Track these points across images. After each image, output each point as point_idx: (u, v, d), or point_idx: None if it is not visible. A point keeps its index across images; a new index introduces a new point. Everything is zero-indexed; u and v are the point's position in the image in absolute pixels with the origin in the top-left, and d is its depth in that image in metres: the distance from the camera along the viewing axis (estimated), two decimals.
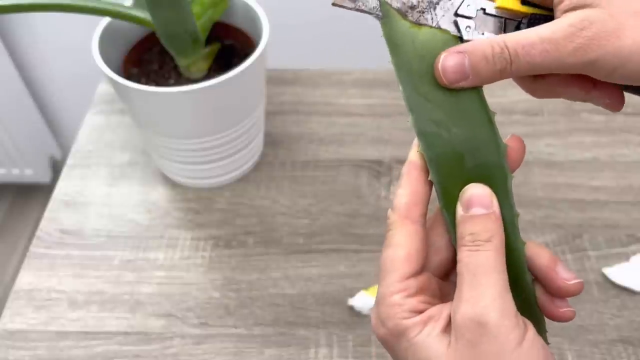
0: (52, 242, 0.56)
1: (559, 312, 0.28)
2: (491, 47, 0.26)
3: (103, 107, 0.69)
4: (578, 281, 0.27)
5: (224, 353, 0.49)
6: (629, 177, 0.60)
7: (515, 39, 0.26)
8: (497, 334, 0.24)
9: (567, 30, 0.25)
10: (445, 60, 0.27)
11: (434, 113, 0.27)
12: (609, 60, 0.25)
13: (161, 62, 0.57)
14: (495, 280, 0.25)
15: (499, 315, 0.24)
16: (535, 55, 0.26)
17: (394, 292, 0.27)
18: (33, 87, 1.25)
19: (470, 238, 0.26)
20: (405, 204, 0.28)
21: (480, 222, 0.26)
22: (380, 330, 0.27)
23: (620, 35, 0.25)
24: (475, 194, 0.27)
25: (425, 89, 0.27)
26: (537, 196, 0.59)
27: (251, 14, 0.55)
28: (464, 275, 0.26)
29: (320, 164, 0.63)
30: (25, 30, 1.13)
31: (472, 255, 0.26)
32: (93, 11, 0.48)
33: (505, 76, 0.27)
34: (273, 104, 0.68)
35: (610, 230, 0.56)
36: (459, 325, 0.25)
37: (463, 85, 0.27)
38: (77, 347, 0.49)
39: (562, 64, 0.26)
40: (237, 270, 0.54)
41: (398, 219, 0.28)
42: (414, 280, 0.27)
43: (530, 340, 0.25)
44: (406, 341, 0.26)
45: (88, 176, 0.62)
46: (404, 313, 0.26)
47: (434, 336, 0.26)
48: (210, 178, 0.59)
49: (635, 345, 0.48)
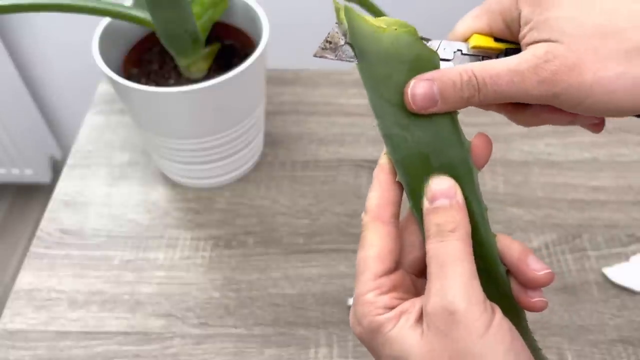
0: (52, 242, 0.56)
1: (532, 302, 0.29)
2: (459, 75, 0.27)
3: (103, 107, 0.69)
4: (548, 271, 0.28)
5: (224, 353, 0.49)
6: (629, 177, 0.60)
7: (484, 67, 0.27)
8: (465, 322, 0.25)
9: (532, 61, 0.26)
10: (414, 87, 0.27)
11: (398, 116, 0.28)
12: (573, 94, 0.26)
13: (161, 62, 0.57)
14: (462, 270, 0.26)
15: (466, 304, 0.25)
16: (502, 84, 0.26)
17: (368, 290, 0.28)
18: (33, 87, 1.25)
19: (436, 229, 0.27)
20: (376, 205, 0.29)
21: (445, 213, 0.27)
22: (357, 328, 0.28)
23: (582, 71, 0.25)
24: (438, 186, 0.28)
25: (389, 93, 0.28)
26: (536, 196, 0.59)
27: (251, 14, 0.55)
28: (431, 266, 0.27)
29: (320, 164, 0.63)
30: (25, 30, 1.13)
31: (439, 246, 0.27)
32: (93, 11, 0.48)
33: (473, 103, 0.28)
34: (273, 104, 0.69)
35: (610, 230, 0.56)
36: (429, 316, 0.26)
37: (432, 111, 0.28)
38: (77, 347, 0.49)
39: (528, 94, 0.26)
40: (237, 270, 0.54)
41: (370, 221, 0.29)
42: (387, 279, 0.28)
43: (498, 325, 0.25)
44: (382, 336, 0.27)
45: (88, 176, 0.62)
46: (378, 310, 0.27)
47: (407, 328, 0.26)
48: (210, 178, 0.59)
49: (635, 345, 0.48)
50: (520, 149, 0.63)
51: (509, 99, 0.27)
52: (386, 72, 0.27)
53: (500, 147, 0.64)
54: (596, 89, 0.25)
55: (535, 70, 0.26)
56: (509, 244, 0.29)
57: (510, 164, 0.62)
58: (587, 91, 0.25)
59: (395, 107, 0.28)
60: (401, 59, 0.27)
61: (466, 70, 0.27)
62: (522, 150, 0.63)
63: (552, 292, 0.51)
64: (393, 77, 0.27)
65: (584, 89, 0.25)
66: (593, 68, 0.25)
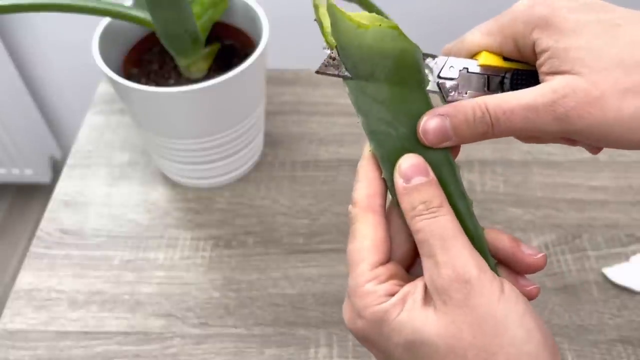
0: (52, 242, 0.56)
1: (527, 290, 0.29)
2: (473, 110, 0.27)
3: (103, 107, 0.69)
4: (543, 254, 0.29)
5: (224, 353, 0.49)
6: (629, 177, 0.60)
7: (497, 102, 0.26)
8: (481, 287, 0.25)
9: (549, 97, 0.25)
10: (426, 123, 0.27)
11: (382, 113, 0.28)
12: (592, 132, 0.25)
13: (161, 62, 0.57)
14: (463, 242, 0.26)
15: (477, 271, 0.25)
16: (516, 121, 0.26)
17: (366, 281, 0.27)
18: (33, 87, 1.25)
19: (424, 207, 0.27)
20: (365, 195, 0.29)
21: (428, 189, 0.27)
22: (358, 323, 0.28)
23: (603, 107, 0.24)
24: (413, 163, 0.27)
25: (372, 90, 0.27)
26: (536, 196, 0.59)
27: (251, 14, 0.55)
28: (430, 241, 0.26)
29: (320, 164, 0.63)
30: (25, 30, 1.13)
31: (432, 222, 0.26)
32: (93, 11, 0.48)
33: (487, 137, 0.27)
34: (273, 104, 0.69)
35: (610, 230, 0.56)
36: (444, 289, 0.25)
37: (445, 145, 0.28)
38: (77, 347, 0.49)
39: (544, 131, 0.26)
40: (237, 270, 0.54)
41: (360, 211, 0.29)
42: (384, 268, 0.28)
43: (510, 289, 0.26)
44: (388, 325, 0.26)
45: (88, 176, 0.62)
46: (380, 298, 0.27)
47: (417, 309, 0.26)
48: (210, 178, 0.59)
49: (635, 345, 0.48)
50: (520, 149, 0.63)
51: (524, 135, 0.27)
52: (370, 69, 0.27)
53: (500, 147, 0.64)
54: (617, 126, 0.25)
55: (552, 106, 0.25)
56: (497, 236, 0.29)
57: (510, 164, 0.62)
58: (607, 129, 0.25)
59: (380, 104, 0.28)
60: (385, 54, 0.27)
61: (480, 105, 0.26)
62: (522, 150, 0.63)
63: (552, 292, 0.51)
64: (376, 73, 0.27)
65: (605, 127, 0.25)
66: (616, 104, 0.24)
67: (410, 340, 0.26)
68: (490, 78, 0.29)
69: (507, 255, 0.29)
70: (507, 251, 0.29)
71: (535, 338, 0.25)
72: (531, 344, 0.25)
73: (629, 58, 0.25)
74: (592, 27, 0.25)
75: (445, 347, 0.25)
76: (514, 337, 0.24)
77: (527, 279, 0.30)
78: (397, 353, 0.27)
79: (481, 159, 0.62)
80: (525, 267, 0.29)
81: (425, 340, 0.25)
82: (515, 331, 0.25)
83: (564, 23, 0.26)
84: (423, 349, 0.25)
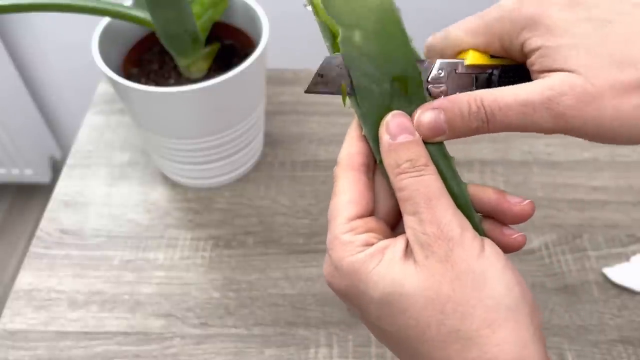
0: (52, 242, 0.56)
1: (512, 239, 0.29)
2: (468, 105, 0.26)
3: (103, 107, 0.69)
4: (529, 201, 0.29)
5: (224, 353, 0.49)
6: (629, 177, 0.60)
7: (493, 98, 0.26)
8: (462, 245, 0.25)
9: (546, 94, 0.25)
10: (420, 116, 0.27)
11: (366, 66, 0.28)
12: (589, 129, 0.25)
13: (161, 62, 0.57)
14: (447, 202, 0.26)
15: (460, 230, 0.26)
16: (511, 117, 0.26)
17: (342, 232, 0.27)
18: (33, 87, 1.25)
19: (409, 164, 0.27)
20: (346, 155, 0.29)
21: (414, 147, 0.27)
22: (336, 276, 0.27)
23: (601, 104, 0.24)
24: (400, 121, 0.27)
25: (359, 39, 0.28)
26: (536, 196, 0.59)
27: (251, 14, 0.55)
28: (416, 199, 0.26)
29: (320, 164, 0.63)
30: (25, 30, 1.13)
31: (418, 180, 0.26)
32: (93, 11, 0.48)
33: (480, 132, 0.27)
34: (273, 104, 0.68)
35: (610, 230, 0.56)
36: (427, 245, 0.25)
37: (440, 139, 0.28)
38: (77, 347, 0.49)
39: (539, 127, 0.26)
40: (237, 270, 0.54)
41: (340, 169, 0.29)
42: (361, 221, 0.28)
43: (490, 246, 0.26)
44: (365, 276, 0.26)
45: (88, 176, 0.62)
46: (357, 248, 0.27)
47: (396, 261, 0.26)
48: (210, 178, 0.59)
49: (635, 345, 0.48)
50: (520, 149, 0.63)
51: (519, 130, 0.27)
52: (355, 20, 0.27)
53: (500, 147, 0.64)
54: (615, 123, 0.24)
55: (548, 103, 0.25)
56: (481, 189, 0.29)
57: (510, 164, 0.62)
58: (605, 126, 0.25)
59: (365, 56, 0.28)
60: (369, 6, 0.28)
61: (475, 99, 0.26)
62: (522, 150, 0.63)
63: (552, 292, 0.51)
64: (362, 24, 0.27)
65: (602, 124, 0.25)
66: (612, 102, 0.24)
67: (387, 293, 0.25)
68: (478, 76, 0.29)
69: (492, 207, 0.29)
70: (492, 203, 0.29)
71: (513, 292, 0.25)
72: (510, 297, 0.25)
73: (622, 55, 0.24)
74: (583, 26, 0.25)
75: (424, 300, 0.25)
76: (493, 290, 0.25)
77: (512, 229, 0.29)
78: (371, 309, 0.26)
79: (481, 159, 0.62)
80: (512, 217, 0.29)
81: (404, 292, 0.25)
82: (494, 285, 0.25)
83: (553, 22, 0.26)
84: (401, 301, 0.25)
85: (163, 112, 0.51)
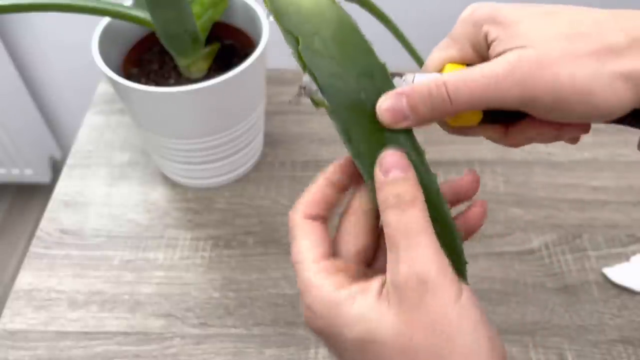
0: (52, 242, 0.56)
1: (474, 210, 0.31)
2: (429, 86, 0.27)
3: (103, 107, 0.69)
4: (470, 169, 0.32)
5: (223, 353, 0.49)
6: (629, 177, 0.60)
7: (456, 75, 0.27)
8: (437, 289, 0.25)
9: (506, 66, 0.26)
10: (382, 103, 0.28)
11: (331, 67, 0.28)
12: (550, 96, 0.26)
13: (161, 62, 0.57)
14: (428, 240, 0.26)
15: (436, 273, 0.25)
16: (476, 90, 0.26)
17: (313, 274, 0.27)
18: (33, 87, 1.25)
19: (396, 200, 0.27)
20: (304, 203, 0.30)
21: (402, 183, 0.27)
22: (314, 321, 0.27)
23: (556, 71, 0.25)
24: (392, 158, 0.27)
25: (320, 45, 0.28)
26: (537, 196, 0.59)
27: (251, 14, 0.55)
28: (396, 237, 0.26)
29: (320, 164, 0.63)
30: (25, 30, 1.13)
31: (401, 217, 0.26)
32: (93, 11, 0.48)
33: (447, 113, 0.28)
34: (273, 104, 0.68)
35: (610, 230, 0.56)
36: (400, 287, 0.25)
37: (404, 125, 0.28)
38: (77, 347, 0.49)
39: (504, 99, 0.26)
40: (236, 270, 0.54)
41: (297, 218, 0.30)
42: (329, 262, 0.28)
43: (468, 293, 0.26)
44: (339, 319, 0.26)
45: (88, 176, 0.62)
46: (330, 288, 0.27)
47: (369, 304, 0.26)
48: (210, 178, 0.59)
49: (635, 345, 0.48)
50: (520, 149, 0.63)
51: (485, 106, 0.27)
52: (313, 29, 0.28)
53: (501, 147, 0.63)
54: (573, 90, 0.25)
55: (510, 72, 0.26)
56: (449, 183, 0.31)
57: (511, 164, 0.62)
58: (564, 94, 0.26)
59: (329, 58, 0.28)
60: (326, 17, 0.29)
61: (436, 80, 0.27)
62: (523, 150, 0.63)
63: (552, 292, 0.51)
64: (320, 32, 0.28)
65: (562, 91, 0.25)
66: (567, 68, 0.25)
67: (361, 338, 0.25)
68: None
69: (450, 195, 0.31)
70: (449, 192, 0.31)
71: (484, 346, 0.25)
72: (481, 352, 0.25)
73: (570, 31, 0.26)
74: (534, 15, 0.27)
75: (398, 347, 0.25)
76: (464, 344, 0.25)
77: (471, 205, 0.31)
78: (346, 352, 0.26)
79: (481, 159, 0.62)
80: (466, 191, 0.31)
81: (378, 339, 0.25)
82: (466, 338, 0.25)
83: (506, 16, 0.28)
84: (374, 348, 0.25)
85: (163, 112, 0.51)
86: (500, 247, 0.55)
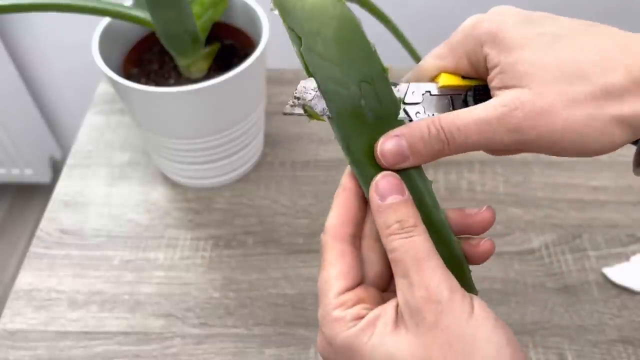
0: (52, 242, 0.56)
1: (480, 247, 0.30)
2: (427, 129, 0.27)
3: (103, 107, 0.69)
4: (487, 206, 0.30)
5: (223, 353, 0.49)
6: (629, 177, 0.60)
7: (451, 119, 0.27)
8: (451, 308, 0.25)
9: (499, 110, 0.26)
10: (383, 145, 0.28)
11: (331, 71, 0.28)
12: (544, 141, 0.26)
13: (161, 62, 0.57)
14: (436, 262, 0.26)
15: (448, 292, 0.26)
16: (471, 135, 0.27)
17: (333, 308, 0.27)
18: (33, 87, 1.25)
19: (399, 226, 0.27)
20: (333, 225, 0.29)
21: (403, 208, 0.27)
22: (330, 353, 0.28)
23: (551, 116, 0.25)
24: (389, 182, 0.28)
25: (321, 47, 0.28)
26: (537, 196, 0.59)
27: (251, 14, 0.55)
28: (405, 262, 0.26)
29: (320, 164, 0.63)
30: (25, 30, 1.13)
31: (407, 242, 0.27)
32: (93, 11, 0.48)
33: (445, 154, 0.28)
34: (273, 104, 0.68)
35: (610, 230, 0.56)
36: (416, 310, 0.26)
37: (404, 166, 0.28)
38: (77, 347, 0.49)
39: (498, 143, 0.27)
40: (237, 270, 0.54)
41: (328, 240, 0.29)
42: (351, 293, 0.28)
43: (479, 306, 0.26)
44: (360, 351, 0.26)
45: (88, 176, 0.62)
46: (348, 324, 0.27)
47: (388, 332, 0.26)
48: (210, 178, 0.59)
49: (635, 345, 0.48)
50: None
51: (480, 149, 0.27)
52: (316, 27, 0.28)
53: None
54: (567, 134, 0.25)
55: (503, 119, 0.26)
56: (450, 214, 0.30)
57: (511, 164, 0.62)
58: (558, 137, 0.26)
59: (329, 61, 0.28)
60: (328, 15, 0.28)
61: (434, 122, 0.27)
62: None
63: (552, 292, 0.51)
64: (322, 31, 0.28)
65: (555, 135, 0.25)
66: (562, 114, 0.25)
67: None
68: (454, 97, 0.30)
69: (459, 226, 0.30)
70: (457, 222, 0.30)
71: (504, 354, 0.25)
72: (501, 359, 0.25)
73: (571, 69, 0.25)
74: (537, 41, 0.26)
75: None
76: (484, 353, 0.25)
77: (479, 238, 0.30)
78: None
79: (481, 159, 0.62)
80: (477, 227, 0.30)
81: None
82: (485, 349, 0.25)
83: (510, 38, 0.27)
84: None
85: (163, 112, 0.51)
86: (500, 247, 0.55)
